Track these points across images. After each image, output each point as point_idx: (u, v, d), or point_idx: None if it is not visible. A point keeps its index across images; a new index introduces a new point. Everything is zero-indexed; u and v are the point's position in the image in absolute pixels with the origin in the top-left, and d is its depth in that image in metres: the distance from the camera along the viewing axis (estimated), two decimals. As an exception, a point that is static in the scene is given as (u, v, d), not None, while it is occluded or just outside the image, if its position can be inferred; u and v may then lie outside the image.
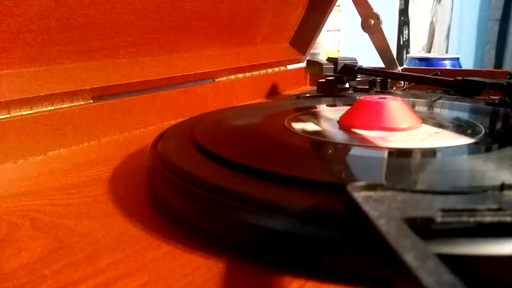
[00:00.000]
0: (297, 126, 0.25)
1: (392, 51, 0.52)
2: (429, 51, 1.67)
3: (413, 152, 0.21)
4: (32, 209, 0.20)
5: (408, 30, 1.46)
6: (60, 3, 0.28)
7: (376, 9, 0.52)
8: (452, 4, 1.84)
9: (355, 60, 0.46)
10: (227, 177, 0.18)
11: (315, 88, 0.49)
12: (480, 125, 0.25)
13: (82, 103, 0.32)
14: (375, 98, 0.25)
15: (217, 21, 0.43)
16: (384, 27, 0.51)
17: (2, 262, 0.16)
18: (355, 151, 0.21)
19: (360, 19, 0.52)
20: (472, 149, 0.21)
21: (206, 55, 0.44)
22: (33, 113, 0.29)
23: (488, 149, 0.21)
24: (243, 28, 0.48)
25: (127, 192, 0.22)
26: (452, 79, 0.36)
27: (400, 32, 1.42)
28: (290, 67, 0.59)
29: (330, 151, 0.22)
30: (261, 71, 0.53)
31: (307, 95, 0.47)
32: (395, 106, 0.25)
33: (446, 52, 1.84)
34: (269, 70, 0.55)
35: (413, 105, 0.33)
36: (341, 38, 0.69)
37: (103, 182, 0.24)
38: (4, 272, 0.15)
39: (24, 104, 0.29)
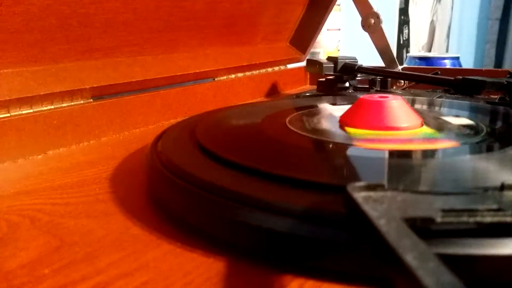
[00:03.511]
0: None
1: (392, 50, 0.52)
2: (429, 50, 1.67)
3: (413, 152, 0.21)
4: (32, 208, 0.20)
5: (408, 29, 1.46)
6: (60, 2, 0.28)
7: (376, 8, 0.51)
8: (453, 3, 1.84)
9: (355, 59, 0.46)
10: (227, 177, 0.18)
11: (315, 87, 0.49)
12: (480, 124, 0.25)
13: (82, 102, 0.32)
14: (376, 97, 0.25)
15: (217, 20, 0.43)
16: (384, 26, 0.51)
17: (2, 261, 0.16)
18: (355, 151, 0.21)
19: (360, 18, 0.52)
20: (473, 149, 0.21)
21: (206, 54, 0.44)
22: (33, 112, 0.29)
23: (488, 149, 0.21)
24: (243, 27, 0.48)
25: (127, 191, 0.22)
26: (452, 78, 0.36)
27: (400, 31, 1.42)
28: (290, 66, 0.59)
29: (330, 151, 0.22)
30: (261, 70, 0.53)
31: (307, 94, 0.47)
32: (396, 105, 0.24)
33: (446, 51, 1.83)
34: (269, 69, 0.55)
35: (413, 104, 0.33)
36: (341, 37, 0.69)
37: (103, 181, 0.24)
38: (4, 271, 0.15)
39: (24, 103, 0.29)
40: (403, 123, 0.24)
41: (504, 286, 0.12)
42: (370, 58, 0.56)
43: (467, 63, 1.97)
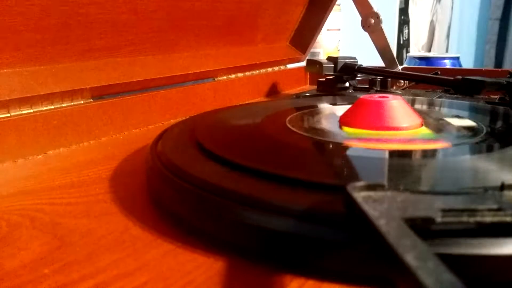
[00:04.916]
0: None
1: (392, 50, 0.52)
2: (429, 50, 1.67)
3: (413, 152, 0.21)
4: (32, 208, 0.20)
5: (408, 29, 1.46)
6: (60, 2, 0.28)
7: (376, 8, 0.51)
8: (452, 3, 1.84)
9: (355, 59, 0.46)
10: (227, 177, 0.18)
11: (315, 87, 0.49)
12: (480, 124, 0.25)
13: (82, 102, 0.32)
14: (376, 97, 0.25)
15: (217, 20, 0.43)
16: (384, 26, 0.51)
17: (2, 261, 0.16)
18: (355, 151, 0.21)
19: (360, 18, 0.52)
20: (473, 149, 0.21)
21: (206, 54, 0.44)
22: (33, 112, 0.29)
23: (488, 149, 0.21)
24: (243, 27, 0.48)
25: (127, 191, 0.22)
26: (452, 78, 0.36)
27: (400, 31, 1.42)
28: (290, 66, 0.59)
29: (330, 151, 0.22)
30: (261, 70, 0.53)
31: (307, 94, 0.47)
32: (396, 105, 0.24)
33: (446, 51, 1.84)
34: (269, 69, 0.55)
35: (413, 104, 0.33)
36: (341, 37, 0.69)
37: (103, 181, 0.24)
38: (4, 271, 0.15)
39: (24, 103, 0.29)
40: (403, 123, 0.24)
41: (504, 286, 0.12)
42: (370, 58, 0.56)
43: (467, 63, 1.97)
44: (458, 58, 0.83)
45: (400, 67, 0.53)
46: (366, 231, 0.12)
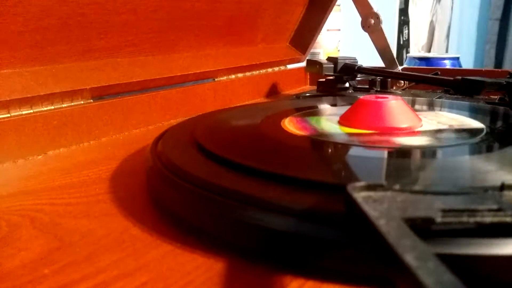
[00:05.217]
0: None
1: (392, 50, 0.52)
2: (429, 50, 1.67)
3: (413, 152, 0.21)
4: (32, 208, 0.20)
5: (408, 29, 1.46)
6: (60, 3, 0.28)
7: (376, 8, 0.52)
8: (452, 3, 1.84)
9: (355, 59, 0.46)
10: (227, 177, 0.18)
11: (315, 87, 0.49)
12: (480, 125, 0.25)
13: (82, 102, 0.32)
14: (375, 97, 0.25)
15: (217, 21, 0.43)
16: (384, 26, 0.51)
17: (2, 261, 0.16)
18: (355, 151, 0.21)
19: (360, 19, 0.52)
20: (473, 149, 0.21)
21: (206, 55, 0.44)
22: (33, 112, 0.29)
23: (488, 149, 0.21)
24: (243, 27, 0.48)
25: (127, 192, 0.22)
26: (452, 78, 0.36)
27: (400, 31, 1.42)
28: (290, 66, 0.59)
29: (330, 151, 0.22)
30: (261, 71, 0.53)
31: (307, 94, 0.47)
32: (396, 106, 0.24)
33: (446, 51, 1.84)
34: (269, 70, 0.55)
35: (413, 105, 0.33)
36: (341, 38, 0.69)
37: (103, 181, 0.24)
38: (4, 271, 0.15)
39: (24, 104, 0.29)
40: (403, 123, 0.24)
41: (504, 286, 0.12)
42: (370, 58, 0.56)
43: (467, 63, 1.97)
44: (458, 58, 0.83)
45: (400, 68, 0.53)
46: (366, 231, 0.12)
